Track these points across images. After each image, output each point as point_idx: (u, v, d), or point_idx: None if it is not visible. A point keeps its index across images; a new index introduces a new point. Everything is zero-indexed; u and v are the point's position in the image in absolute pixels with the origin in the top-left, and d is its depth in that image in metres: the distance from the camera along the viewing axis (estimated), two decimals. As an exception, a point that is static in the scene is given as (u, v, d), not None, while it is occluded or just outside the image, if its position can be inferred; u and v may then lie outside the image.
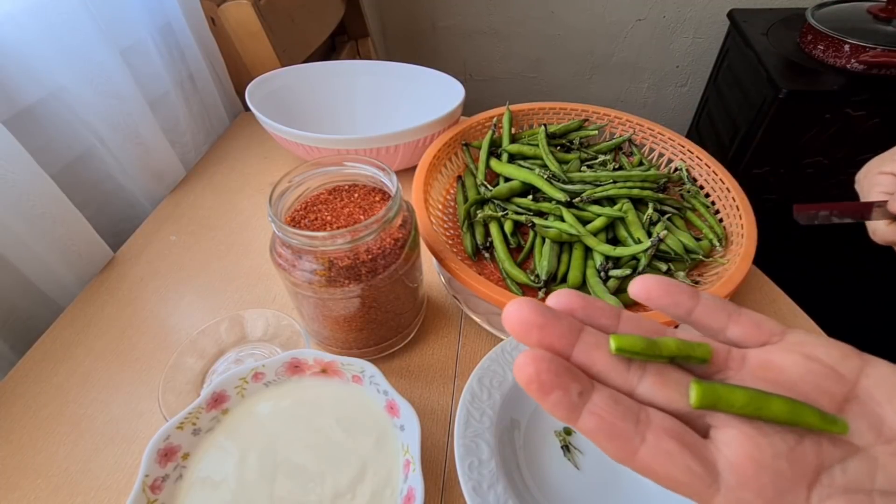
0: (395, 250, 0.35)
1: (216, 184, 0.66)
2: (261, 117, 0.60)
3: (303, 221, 0.36)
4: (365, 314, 0.38)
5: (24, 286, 0.49)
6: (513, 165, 0.52)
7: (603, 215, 0.46)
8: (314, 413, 0.35)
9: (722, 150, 1.17)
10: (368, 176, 0.38)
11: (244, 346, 0.45)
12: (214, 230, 0.59)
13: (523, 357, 0.15)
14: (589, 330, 0.16)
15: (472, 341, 0.46)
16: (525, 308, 0.15)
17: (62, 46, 0.48)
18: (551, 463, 0.36)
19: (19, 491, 0.37)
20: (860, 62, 0.93)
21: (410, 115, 0.67)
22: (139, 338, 0.47)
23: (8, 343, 0.47)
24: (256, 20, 0.72)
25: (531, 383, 0.14)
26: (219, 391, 0.34)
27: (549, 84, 1.59)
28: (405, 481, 0.31)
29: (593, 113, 0.59)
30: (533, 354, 0.15)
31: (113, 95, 0.54)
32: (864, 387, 0.15)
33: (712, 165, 0.51)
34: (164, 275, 0.53)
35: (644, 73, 1.51)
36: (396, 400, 0.33)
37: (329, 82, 0.73)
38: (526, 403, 0.38)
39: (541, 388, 0.14)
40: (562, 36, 1.47)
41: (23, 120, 0.48)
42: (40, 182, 0.46)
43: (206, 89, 0.72)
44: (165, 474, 0.31)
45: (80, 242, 0.51)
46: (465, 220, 0.50)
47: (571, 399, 0.14)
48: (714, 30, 1.36)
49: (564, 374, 0.15)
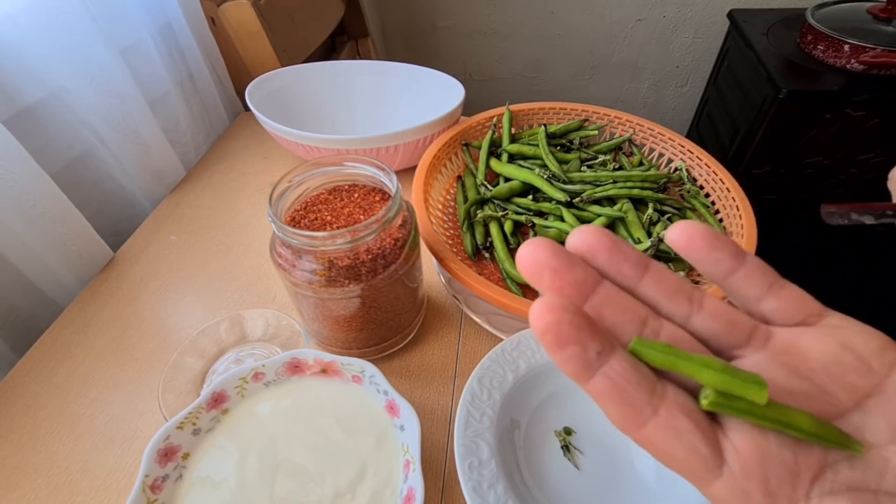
0: (395, 250, 0.35)
1: (216, 184, 0.66)
2: (261, 117, 0.60)
3: (303, 221, 0.36)
4: (365, 314, 0.38)
5: (24, 286, 0.49)
6: (513, 165, 0.52)
7: (603, 215, 0.46)
8: (314, 413, 0.35)
9: (722, 150, 1.17)
10: (368, 176, 0.38)
11: (244, 346, 0.45)
12: (214, 230, 0.59)
13: (542, 304, 0.13)
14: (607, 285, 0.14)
15: (472, 341, 0.46)
16: (540, 248, 0.14)
17: (62, 46, 0.48)
18: (551, 463, 0.36)
19: (19, 491, 0.37)
20: (860, 62, 0.93)
21: (410, 115, 0.67)
22: (139, 338, 0.47)
23: (8, 343, 0.47)
24: (256, 20, 0.72)
25: (547, 333, 0.13)
26: (219, 391, 0.34)
27: (549, 84, 1.59)
28: (405, 481, 0.31)
29: (593, 113, 0.59)
30: (553, 302, 0.13)
31: (113, 95, 0.54)
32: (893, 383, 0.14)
33: (712, 165, 0.51)
34: (164, 275, 0.53)
35: (644, 73, 1.51)
36: (396, 400, 0.33)
37: (329, 82, 0.73)
38: (526, 403, 0.38)
39: (557, 340, 0.13)
40: (562, 36, 1.47)
41: (23, 120, 0.48)
42: (40, 182, 0.46)
43: (206, 89, 0.72)
44: (165, 474, 0.31)
45: (80, 242, 0.51)
46: (465, 220, 0.50)
47: (588, 357, 0.13)
48: (714, 30, 1.36)
49: (586, 329, 0.13)
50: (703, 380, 0.13)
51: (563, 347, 0.13)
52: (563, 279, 0.14)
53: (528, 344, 0.40)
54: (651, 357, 0.14)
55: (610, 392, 0.13)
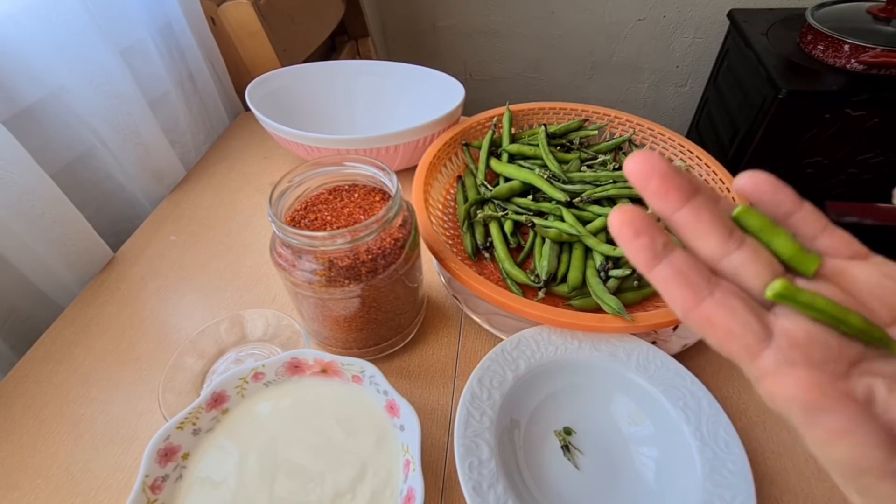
0: (395, 250, 0.35)
1: (216, 184, 0.66)
2: (261, 117, 0.60)
3: (303, 221, 0.36)
4: (365, 314, 0.38)
5: (24, 286, 0.49)
6: (513, 165, 0.52)
7: (603, 215, 0.46)
8: (314, 413, 0.35)
9: (722, 150, 1.17)
10: (368, 176, 0.38)
11: (244, 346, 0.45)
12: (214, 230, 0.59)
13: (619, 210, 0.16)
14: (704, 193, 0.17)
15: (472, 341, 0.46)
16: (650, 156, 0.16)
17: (62, 46, 0.48)
18: (551, 463, 0.36)
19: (19, 491, 0.37)
20: (860, 62, 0.93)
21: (410, 115, 0.67)
22: (139, 338, 0.47)
23: (8, 343, 0.47)
24: (256, 20, 0.72)
25: (624, 224, 0.16)
26: (219, 391, 0.34)
27: (549, 84, 1.59)
28: (405, 481, 0.31)
29: (593, 113, 0.59)
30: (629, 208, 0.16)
31: (113, 95, 0.54)
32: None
33: (712, 165, 0.51)
34: (164, 275, 0.53)
35: (644, 73, 1.51)
36: (396, 400, 0.33)
37: (329, 82, 0.73)
38: (526, 403, 0.38)
39: (634, 230, 0.16)
40: (562, 36, 1.47)
41: (23, 120, 0.48)
42: (40, 182, 0.46)
43: (206, 89, 0.72)
44: (165, 474, 0.31)
45: (80, 242, 0.51)
46: (465, 220, 0.50)
47: (656, 247, 0.16)
48: (714, 30, 1.36)
49: (654, 227, 0.16)
50: (778, 246, 0.16)
51: (637, 237, 0.16)
52: (670, 183, 0.16)
53: (528, 344, 0.40)
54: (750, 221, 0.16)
55: (674, 276, 0.16)
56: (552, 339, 0.40)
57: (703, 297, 0.15)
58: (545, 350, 0.40)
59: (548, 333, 0.40)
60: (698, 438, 0.35)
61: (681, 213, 0.16)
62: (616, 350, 0.40)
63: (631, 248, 0.16)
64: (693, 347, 0.43)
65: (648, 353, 0.39)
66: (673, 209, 0.16)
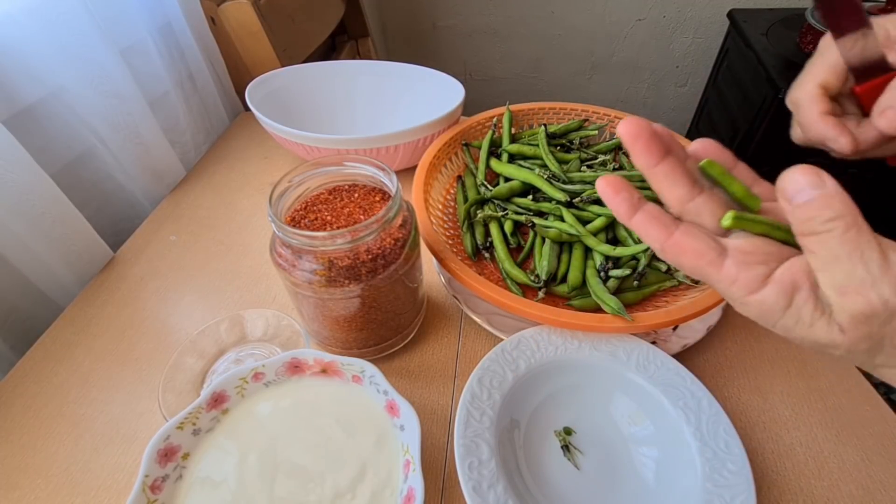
0: (395, 250, 0.35)
1: (216, 184, 0.66)
2: (261, 117, 0.60)
3: (303, 221, 0.36)
4: (365, 314, 0.38)
5: (24, 286, 0.49)
6: (513, 165, 0.52)
7: (603, 215, 0.46)
8: (314, 413, 0.35)
9: (722, 150, 1.17)
10: (368, 176, 0.38)
11: (244, 346, 0.45)
12: (214, 230, 0.59)
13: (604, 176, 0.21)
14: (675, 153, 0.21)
15: (472, 341, 0.46)
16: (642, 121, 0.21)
17: (62, 46, 0.48)
18: (551, 463, 0.36)
19: (19, 491, 0.37)
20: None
21: (410, 115, 0.67)
22: (139, 338, 0.47)
23: (8, 343, 0.47)
24: (256, 20, 0.72)
25: (609, 185, 0.21)
26: (219, 391, 0.34)
27: (549, 84, 1.59)
28: (405, 481, 0.31)
29: (593, 113, 0.59)
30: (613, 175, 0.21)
31: (113, 95, 0.54)
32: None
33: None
34: (164, 275, 0.53)
35: (644, 73, 1.51)
36: (396, 400, 0.33)
37: (329, 82, 0.73)
38: (526, 403, 0.38)
39: (616, 189, 0.21)
40: (562, 36, 1.47)
41: (23, 120, 0.48)
42: (40, 182, 0.46)
43: (206, 89, 0.72)
44: (165, 474, 0.31)
45: (80, 242, 0.51)
46: (465, 220, 0.50)
47: (633, 200, 0.21)
48: (714, 30, 1.36)
49: (631, 187, 0.21)
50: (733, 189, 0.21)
51: (617, 193, 0.21)
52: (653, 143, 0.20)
53: (528, 344, 0.40)
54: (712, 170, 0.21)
55: (649, 219, 0.21)
56: (552, 339, 0.40)
57: (672, 231, 0.20)
58: (545, 350, 0.40)
59: (548, 333, 0.40)
60: (698, 438, 0.35)
61: (660, 166, 0.21)
62: (616, 350, 0.40)
63: (614, 202, 0.21)
64: (693, 347, 0.43)
65: (648, 353, 0.39)
66: (654, 163, 0.21)
